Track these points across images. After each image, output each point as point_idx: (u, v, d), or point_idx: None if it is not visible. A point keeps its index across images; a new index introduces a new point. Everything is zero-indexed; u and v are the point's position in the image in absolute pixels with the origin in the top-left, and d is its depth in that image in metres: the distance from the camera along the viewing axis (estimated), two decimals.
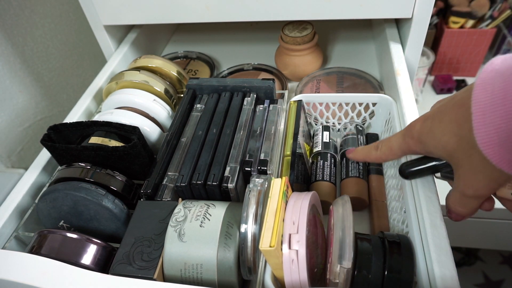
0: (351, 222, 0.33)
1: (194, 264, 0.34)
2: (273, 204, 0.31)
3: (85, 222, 0.42)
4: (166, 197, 0.41)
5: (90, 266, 0.36)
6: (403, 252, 0.34)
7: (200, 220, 0.36)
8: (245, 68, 0.70)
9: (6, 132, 0.69)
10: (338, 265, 0.31)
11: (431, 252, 0.33)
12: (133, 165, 0.44)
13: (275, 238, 0.28)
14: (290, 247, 0.29)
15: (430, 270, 0.33)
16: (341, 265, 0.31)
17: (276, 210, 0.30)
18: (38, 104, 0.76)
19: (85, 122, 0.46)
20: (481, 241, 1.03)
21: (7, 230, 0.43)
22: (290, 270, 0.29)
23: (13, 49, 0.70)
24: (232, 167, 0.41)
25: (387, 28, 0.63)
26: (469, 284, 1.14)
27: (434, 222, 0.35)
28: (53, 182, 0.43)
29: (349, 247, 0.31)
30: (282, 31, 0.64)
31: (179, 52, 0.76)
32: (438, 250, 0.33)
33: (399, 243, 0.35)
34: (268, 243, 0.28)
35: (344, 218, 0.33)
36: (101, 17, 0.62)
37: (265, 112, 0.49)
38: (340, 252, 0.31)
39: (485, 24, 0.96)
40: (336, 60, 0.72)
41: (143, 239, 0.37)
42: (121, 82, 0.53)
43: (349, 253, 0.31)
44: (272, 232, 0.29)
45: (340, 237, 0.32)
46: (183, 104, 0.50)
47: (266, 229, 0.29)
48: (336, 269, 0.31)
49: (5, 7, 0.67)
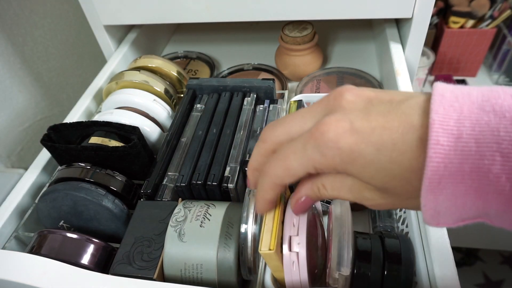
0: (350, 225, 0.32)
1: (194, 264, 0.34)
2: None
3: (85, 222, 0.42)
4: (166, 197, 0.41)
5: (90, 266, 0.36)
6: (403, 251, 0.34)
7: (200, 220, 0.36)
8: (245, 68, 0.70)
9: (6, 132, 0.69)
10: (337, 271, 0.31)
11: (431, 252, 0.33)
12: (133, 165, 0.44)
13: (274, 241, 0.28)
14: (291, 249, 0.29)
15: (430, 270, 0.33)
16: (339, 272, 0.30)
17: (274, 213, 0.30)
18: (38, 104, 0.76)
19: (85, 122, 0.46)
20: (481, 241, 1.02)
21: (7, 230, 0.43)
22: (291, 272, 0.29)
23: (13, 49, 0.70)
24: (232, 167, 0.41)
25: (387, 28, 0.63)
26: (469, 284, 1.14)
27: None
28: (53, 182, 0.43)
29: (347, 254, 0.31)
30: (282, 31, 0.64)
31: (179, 52, 0.76)
32: (438, 250, 0.33)
33: (398, 242, 0.35)
34: (268, 246, 0.28)
35: (342, 220, 0.33)
36: (101, 17, 0.62)
37: (265, 112, 0.49)
38: (338, 259, 0.31)
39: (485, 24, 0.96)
40: (336, 60, 0.72)
41: (143, 239, 0.37)
42: (121, 82, 0.53)
43: (348, 260, 0.31)
44: (271, 234, 0.29)
45: (338, 243, 0.31)
46: (183, 104, 0.50)
47: (265, 232, 0.29)
48: (335, 275, 0.31)
49: (5, 7, 0.67)
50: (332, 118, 0.21)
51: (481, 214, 0.19)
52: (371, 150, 0.20)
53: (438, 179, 0.18)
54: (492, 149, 0.17)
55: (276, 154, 0.24)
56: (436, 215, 0.19)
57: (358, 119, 0.21)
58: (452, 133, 0.18)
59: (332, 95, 0.23)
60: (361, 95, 0.22)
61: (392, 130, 0.20)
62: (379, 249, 0.34)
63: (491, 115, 0.18)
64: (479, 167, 0.17)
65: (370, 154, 0.20)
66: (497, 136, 0.17)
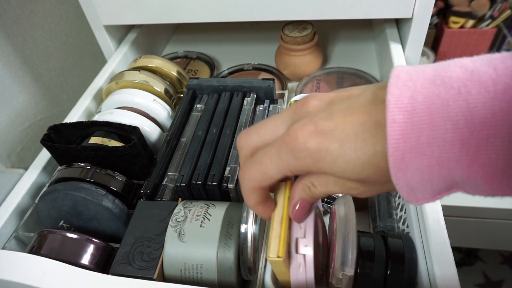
0: (354, 225, 0.32)
1: (194, 264, 0.34)
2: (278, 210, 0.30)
3: (85, 222, 0.42)
4: (166, 197, 0.41)
5: (90, 266, 0.36)
6: (406, 251, 0.34)
7: (200, 220, 0.36)
8: (245, 68, 0.70)
9: (6, 132, 0.69)
10: (341, 271, 0.31)
11: (431, 252, 0.33)
12: (133, 165, 0.44)
13: (282, 248, 0.27)
14: (298, 252, 0.29)
15: (430, 270, 0.33)
16: (343, 272, 0.30)
17: (282, 216, 0.30)
18: (38, 104, 0.76)
19: (85, 122, 0.46)
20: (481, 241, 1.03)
21: (7, 230, 0.43)
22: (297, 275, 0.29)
23: (13, 49, 0.70)
24: (232, 167, 0.41)
25: (387, 28, 0.63)
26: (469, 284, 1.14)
27: (434, 222, 0.35)
28: (53, 182, 0.43)
29: (352, 254, 0.31)
30: (282, 31, 0.64)
31: (179, 52, 0.76)
32: (438, 250, 0.33)
33: (401, 242, 0.35)
34: (276, 253, 0.27)
35: (346, 221, 0.33)
36: (101, 17, 0.62)
37: (265, 112, 0.49)
38: (343, 259, 0.31)
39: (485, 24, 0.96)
40: (336, 60, 0.72)
41: (143, 239, 0.37)
42: (121, 82, 0.53)
43: (352, 260, 0.31)
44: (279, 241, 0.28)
45: (343, 243, 0.31)
46: (183, 104, 0.50)
47: (273, 237, 0.28)
48: (338, 275, 0.31)
49: (5, 7, 0.67)
50: (300, 124, 0.23)
51: (451, 184, 0.20)
52: (336, 145, 0.21)
53: (401, 156, 0.19)
54: (444, 119, 0.18)
55: (253, 158, 0.26)
56: (411, 192, 0.20)
57: (321, 120, 0.22)
58: (406, 109, 0.19)
59: (300, 102, 0.25)
60: (324, 99, 0.24)
61: (352, 123, 0.21)
62: (382, 248, 0.34)
63: (441, 88, 0.19)
64: (435, 137, 0.18)
65: (335, 149, 0.21)
66: (446, 106, 0.18)
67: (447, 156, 0.18)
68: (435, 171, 0.19)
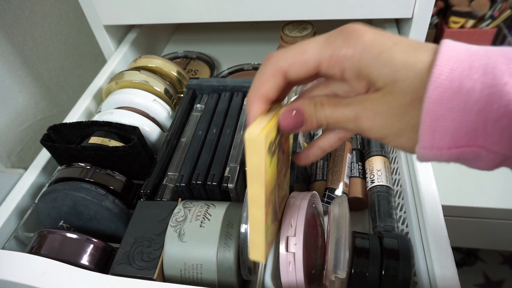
0: (347, 227, 0.32)
1: (194, 264, 0.34)
2: (269, 115, 0.25)
3: (85, 222, 0.42)
4: (166, 197, 0.41)
5: (90, 266, 0.36)
6: (401, 251, 0.34)
7: (200, 220, 0.36)
8: (245, 68, 0.70)
9: (6, 132, 0.69)
10: (333, 274, 0.31)
11: (431, 252, 0.33)
12: (133, 165, 0.44)
13: (266, 131, 0.23)
14: (288, 250, 0.29)
15: (430, 270, 0.33)
16: (336, 274, 0.30)
17: (272, 117, 0.25)
18: (38, 104, 0.76)
19: (85, 122, 0.46)
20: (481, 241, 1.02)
21: (7, 230, 0.43)
22: (287, 273, 0.29)
23: (13, 49, 0.70)
24: (232, 167, 0.41)
25: (387, 28, 0.63)
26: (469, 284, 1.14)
27: (434, 222, 0.35)
28: (53, 182, 0.43)
29: (344, 257, 0.31)
30: (282, 31, 0.64)
31: (179, 52, 0.76)
32: (438, 250, 0.33)
33: (396, 242, 0.35)
34: (256, 134, 0.22)
35: (339, 222, 0.32)
36: (101, 17, 0.62)
37: None
38: (335, 262, 0.31)
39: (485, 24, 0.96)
40: None
41: (143, 239, 0.37)
42: (121, 82, 0.53)
43: (344, 263, 0.30)
44: (264, 125, 0.23)
45: (335, 246, 0.31)
46: (183, 104, 0.50)
47: (257, 121, 0.24)
48: (331, 277, 0.31)
49: (5, 7, 0.67)
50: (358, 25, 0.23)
51: (473, 134, 0.20)
52: (390, 43, 0.22)
53: (447, 78, 0.20)
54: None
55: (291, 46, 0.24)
56: (433, 132, 0.20)
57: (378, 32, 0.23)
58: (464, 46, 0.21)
59: (345, 28, 0.24)
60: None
61: (407, 39, 0.23)
62: (378, 248, 0.34)
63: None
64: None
65: (387, 44, 0.22)
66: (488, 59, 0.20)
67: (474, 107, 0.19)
68: (464, 119, 0.20)
